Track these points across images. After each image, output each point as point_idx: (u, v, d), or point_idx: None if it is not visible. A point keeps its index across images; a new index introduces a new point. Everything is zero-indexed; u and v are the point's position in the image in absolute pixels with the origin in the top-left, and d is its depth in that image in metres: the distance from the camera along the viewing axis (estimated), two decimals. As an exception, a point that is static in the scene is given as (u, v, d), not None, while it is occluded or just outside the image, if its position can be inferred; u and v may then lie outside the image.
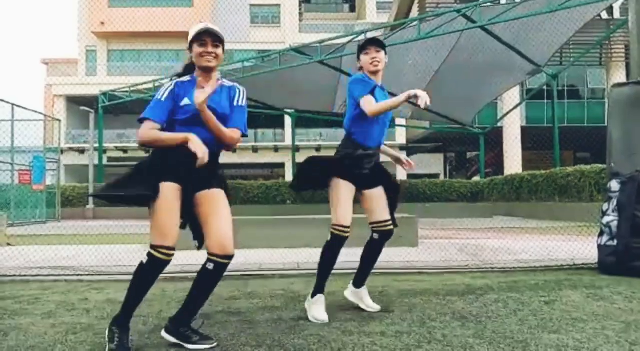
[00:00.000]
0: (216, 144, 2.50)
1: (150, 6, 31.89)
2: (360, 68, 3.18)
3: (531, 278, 4.27)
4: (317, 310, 2.97)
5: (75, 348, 2.45)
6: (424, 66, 13.87)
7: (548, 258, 5.41)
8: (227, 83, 2.66)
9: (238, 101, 2.60)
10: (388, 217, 3.18)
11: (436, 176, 30.99)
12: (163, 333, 2.53)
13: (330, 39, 13.00)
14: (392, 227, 3.19)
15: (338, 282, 4.16)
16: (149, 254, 2.40)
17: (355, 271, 3.30)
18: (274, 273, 4.61)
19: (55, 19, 79.93)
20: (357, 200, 3.17)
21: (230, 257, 2.48)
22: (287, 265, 4.95)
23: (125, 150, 30.91)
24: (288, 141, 29.05)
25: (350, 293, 3.28)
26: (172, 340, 2.49)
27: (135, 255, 6.07)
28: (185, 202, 2.45)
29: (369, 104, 2.96)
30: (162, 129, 2.43)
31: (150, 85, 17.48)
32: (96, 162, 19.98)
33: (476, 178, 23.81)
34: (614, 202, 4.60)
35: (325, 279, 3.08)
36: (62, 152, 18.77)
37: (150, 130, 2.38)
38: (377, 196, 3.17)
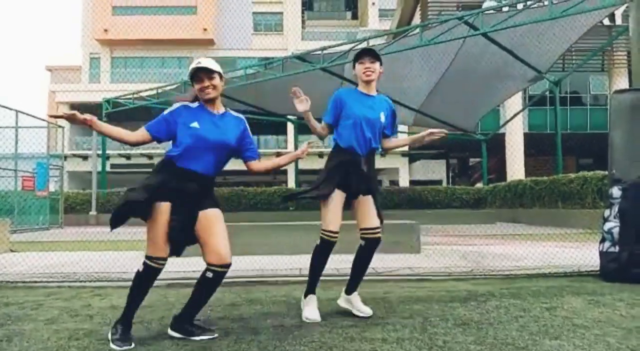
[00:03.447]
0: (214, 169, 2.74)
1: (153, 14, 32.09)
2: (355, 76, 3.30)
3: (533, 285, 4.27)
4: (309, 310, 3.12)
5: (78, 353, 2.46)
6: (426, 73, 13.91)
7: (550, 265, 5.41)
8: (232, 113, 2.88)
9: (249, 134, 2.90)
10: (377, 224, 3.20)
11: (439, 182, 30.96)
12: (169, 331, 2.77)
13: (332, 46, 13.05)
14: (380, 234, 3.22)
15: (340, 288, 4.17)
16: (144, 263, 2.67)
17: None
18: (276, 280, 4.62)
19: (59, 26, 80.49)
20: (348, 207, 3.23)
21: (228, 266, 2.71)
22: (289, 271, 4.95)
23: (128, 157, 31.00)
24: (290, 147, 29.10)
25: (342, 300, 3.33)
26: (177, 335, 2.73)
27: (138, 262, 6.09)
28: (183, 220, 2.65)
29: (320, 129, 3.28)
30: (157, 140, 2.71)
31: (154, 92, 17.57)
32: (99, 168, 20.04)
33: (479, 185, 23.79)
34: (616, 208, 4.60)
35: (316, 280, 3.22)
36: (65, 158, 18.82)
37: (127, 132, 2.67)
38: (366, 203, 3.21)
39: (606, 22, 21.96)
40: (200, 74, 2.67)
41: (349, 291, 3.29)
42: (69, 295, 4.07)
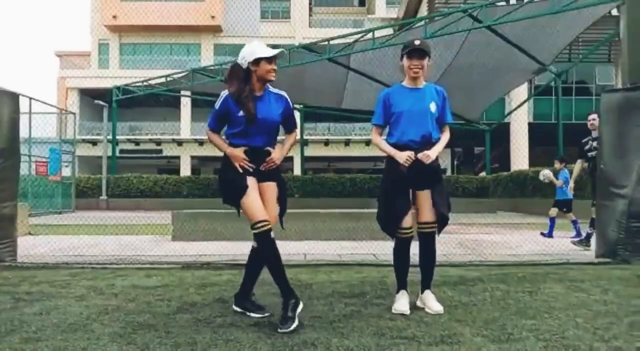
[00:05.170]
0: (268, 143, 3.17)
1: (162, 0, 32.22)
2: (402, 67, 3.32)
3: (520, 271, 4.57)
4: (398, 303, 3.17)
5: (110, 324, 2.82)
6: (431, 64, 14.06)
7: (542, 253, 5.71)
8: (273, 90, 3.23)
9: (291, 108, 3.29)
10: (429, 219, 3.20)
11: (443, 171, 31.13)
12: (234, 307, 3.18)
13: (338, 37, 13.25)
14: (431, 230, 3.24)
15: (342, 272, 4.50)
16: (254, 234, 2.98)
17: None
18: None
19: (68, 12, 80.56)
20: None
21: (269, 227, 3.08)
22: (295, 257, 5.29)
23: (137, 143, 31.40)
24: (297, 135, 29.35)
25: (418, 299, 3.28)
26: (238, 309, 3.14)
27: (152, 245, 6.46)
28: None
29: (373, 135, 3.34)
30: (218, 132, 3.14)
31: (162, 80, 17.85)
32: (109, 153, 20.45)
33: (482, 174, 24.02)
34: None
35: (399, 277, 3.26)
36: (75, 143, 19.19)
37: (212, 135, 3.13)
38: (422, 197, 3.19)
39: (614, 12, 21.95)
40: (273, 59, 3.06)
41: (421, 289, 3.28)
42: (93, 275, 4.43)
